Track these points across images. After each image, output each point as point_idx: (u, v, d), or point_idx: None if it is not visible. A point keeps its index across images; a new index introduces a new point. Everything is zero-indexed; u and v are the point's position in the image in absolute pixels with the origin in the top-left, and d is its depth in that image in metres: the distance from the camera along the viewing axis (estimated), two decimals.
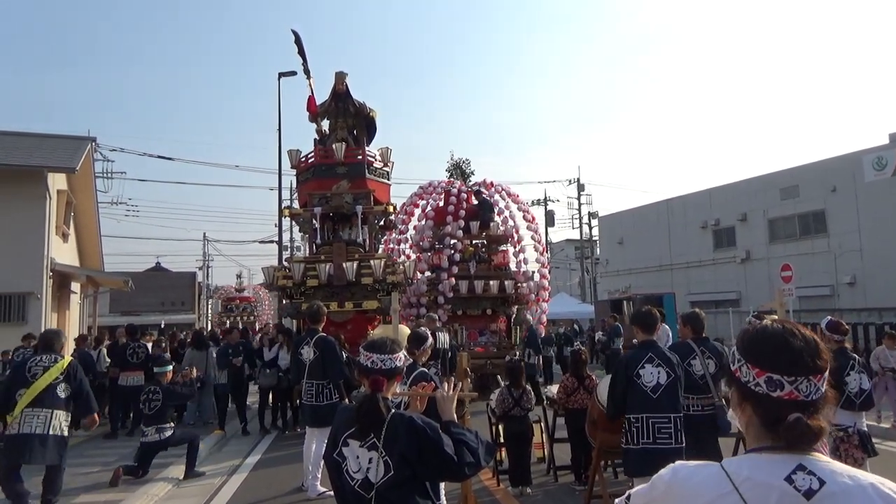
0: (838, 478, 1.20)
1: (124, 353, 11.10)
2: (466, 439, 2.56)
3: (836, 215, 24.33)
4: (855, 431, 4.85)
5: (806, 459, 1.22)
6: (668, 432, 4.28)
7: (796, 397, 1.26)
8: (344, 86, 12.58)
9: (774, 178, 26.95)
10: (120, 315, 38.74)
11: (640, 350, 4.48)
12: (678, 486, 1.29)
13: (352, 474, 2.53)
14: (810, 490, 1.18)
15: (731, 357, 1.38)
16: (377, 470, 2.48)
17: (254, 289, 26.01)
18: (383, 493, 2.46)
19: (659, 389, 4.34)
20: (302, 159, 12.87)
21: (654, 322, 4.52)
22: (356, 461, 2.54)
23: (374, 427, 2.52)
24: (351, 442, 2.57)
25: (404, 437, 2.48)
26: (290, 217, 12.82)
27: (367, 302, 11.41)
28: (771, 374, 1.27)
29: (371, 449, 2.52)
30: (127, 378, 10.92)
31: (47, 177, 13.85)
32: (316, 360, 6.89)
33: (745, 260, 27.87)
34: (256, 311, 25.02)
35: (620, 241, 35.62)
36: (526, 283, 14.77)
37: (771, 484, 1.20)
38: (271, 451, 9.55)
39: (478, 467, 2.62)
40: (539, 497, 6.53)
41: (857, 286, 23.45)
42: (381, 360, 2.71)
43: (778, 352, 1.29)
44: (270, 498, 6.93)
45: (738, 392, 1.35)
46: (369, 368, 2.69)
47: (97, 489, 7.33)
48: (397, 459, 2.46)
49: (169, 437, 7.72)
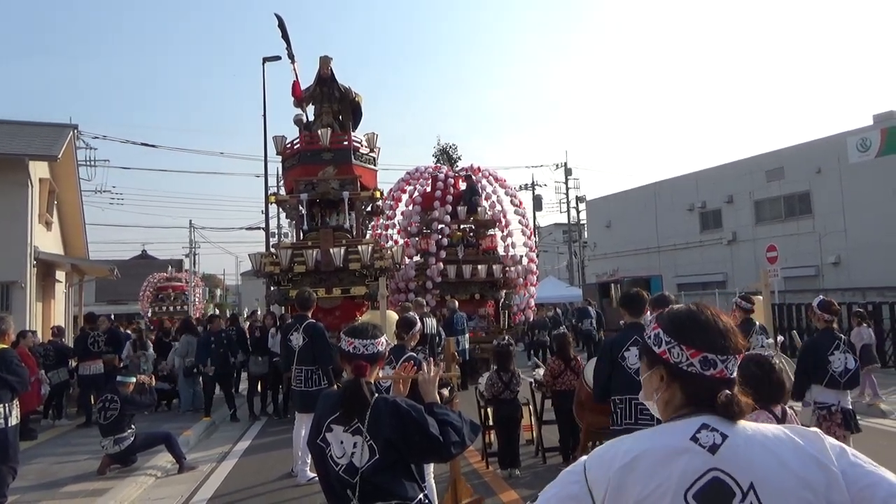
0: (741, 430, 1.25)
1: (85, 342, 10.92)
2: (450, 419, 2.57)
3: (820, 196, 24.51)
4: (838, 409, 4.91)
5: (709, 418, 1.27)
6: (650, 413, 4.27)
7: (725, 375, 1.31)
8: (329, 70, 12.45)
9: (760, 160, 27.09)
10: (106, 304, 38.45)
11: (626, 332, 4.49)
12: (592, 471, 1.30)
13: (336, 459, 2.53)
14: (714, 445, 1.22)
15: (655, 339, 1.39)
16: (362, 454, 2.48)
17: (186, 276, 24.39)
18: (368, 478, 2.46)
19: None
20: (287, 145, 12.75)
21: (640, 304, 4.53)
22: (340, 446, 2.54)
23: (358, 412, 2.52)
24: (335, 427, 2.57)
25: (389, 421, 2.48)
26: (277, 203, 12.73)
27: (355, 288, 11.38)
28: (706, 354, 1.32)
29: (355, 434, 2.52)
30: (88, 367, 10.79)
31: (28, 165, 13.66)
32: (305, 346, 6.88)
33: (731, 242, 28.08)
34: (190, 300, 23.80)
35: (608, 225, 35.73)
36: (514, 268, 14.79)
37: (675, 447, 1.24)
38: (260, 437, 9.55)
39: (463, 446, 2.63)
40: (528, 479, 6.57)
41: (841, 266, 23.69)
42: (364, 346, 2.71)
43: (710, 333, 1.34)
44: (260, 484, 6.94)
45: (666, 372, 1.36)
46: (352, 354, 2.69)
47: (85, 478, 7.30)
48: (382, 443, 2.46)
49: (130, 445, 7.48)
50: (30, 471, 7.44)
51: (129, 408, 7.62)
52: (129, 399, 7.66)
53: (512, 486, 6.31)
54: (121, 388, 7.71)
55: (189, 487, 6.95)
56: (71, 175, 17.35)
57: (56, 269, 16.61)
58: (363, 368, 2.62)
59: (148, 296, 22.70)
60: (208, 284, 59.69)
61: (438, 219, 14.26)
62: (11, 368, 5.72)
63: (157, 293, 22.99)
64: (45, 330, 13.56)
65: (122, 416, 7.52)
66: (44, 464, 7.96)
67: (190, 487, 6.94)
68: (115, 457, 7.53)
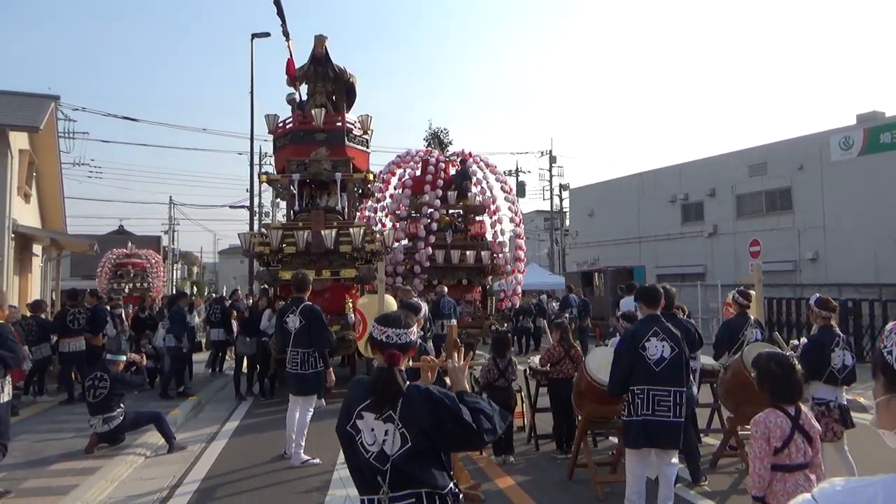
0: None
1: (65, 319, 10.72)
2: (482, 407, 2.57)
3: (801, 193, 24.86)
4: (836, 406, 5.00)
5: None
6: (667, 405, 4.34)
7: None
8: (324, 49, 12.25)
9: (744, 154, 27.37)
10: (82, 279, 37.73)
11: (646, 324, 4.52)
12: None
13: (366, 447, 2.53)
14: None
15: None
16: (393, 442, 2.48)
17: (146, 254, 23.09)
18: (399, 466, 2.46)
19: (662, 363, 4.40)
20: (279, 124, 12.56)
21: (658, 297, 4.57)
22: (371, 434, 2.53)
23: (391, 400, 2.51)
24: (366, 414, 2.56)
25: (422, 409, 2.48)
26: (268, 183, 12.53)
27: (345, 270, 11.29)
28: None
29: (387, 421, 2.51)
30: (69, 344, 10.61)
31: (9, 135, 13.30)
32: (302, 328, 6.81)
33: (711, 234, 28.40)
34: (150, 278, 22.59)
35: (591, 214, 35.94)
36: (502, 254, 14.82)
37: None
38: (248, 418, 9.49)
39: (495, 434, 2.63)
40: (522, 465, 6.62)
41: (818, 262, 24.11)
42: (397, 335, 2.68)
43: None
44: (252, 465, 6.90)
45: None
46: (385, 343, 2.66)
47: (72, 457, 7.19)
48: (415, 431, 2.46)
49: (119, 424, 7.38)
50: (14, 448, 7.26)
51: (119, 386, 7.50)
52: (119, 378, 7.54)
53: (507, 473, 6.35)
54: (111, 367, 7.58)
55: (181, 468, 6.89)
56: (51, 147, 16.94)
57: (34, 242, 16.26)
58: (397, 357, 2.60)
59: (106, 272, 21.51)
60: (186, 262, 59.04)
61: (428, 203, 14.20)
62: (7, 344, 5.60)
63: (116, 270, 21.70)
64: (21, 305, 13.29)
65: (112, 394, 7.40)
66: (27, 441, 7.82)
67: (182, 468, 6.89)
68: (104, 436, 7.42)
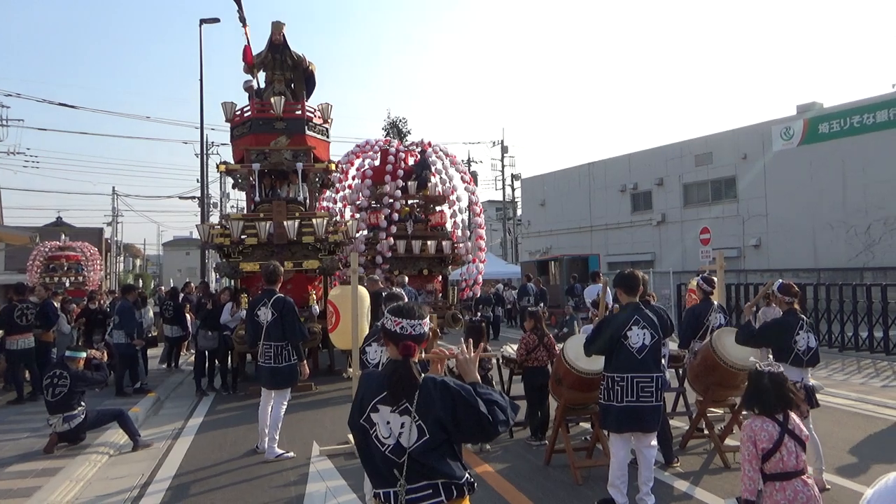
0: None
1: (12, 315, 10.10)
2: (495, 398, 2.59)
3: (745, 181, 25.74)
4: (802, 386, 5.23)
5: None
6: (650, 391, 4.48)
7: None
8: (281, 36, 12.00)
9: (690, 145, 28.15)
10: (16, 273, 36.10)
11: (627, 312, 4.62)
12: None
13: (382, 440, 2.52)
14: None
15: None
16: (410, 435, 2.47)
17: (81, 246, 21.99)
18: (416, 458, 2.46)
19: (644, 350, 4.52)
20: (237, 112, 12.24)
21: (637, 285, 4.67)
22: (387, 427, 2.52)
23: (408, 392, 2.50)
24: (381, 407, 2.54)
25: (439, 401, 2.48)
26: (227, 173, 12.21)
27: (308, 261, 11.14)
28: None
29: (403, 414, 2.50)
30: (16, 341, 10.06)
31: None
32: (274, 321, 6.70)
33: (660, 223, 29.15)
34: (85, 271, 21.58)
35: (542, 203, 36.37)
36: (463, 244, 14.88)
37: None
38: (212, 414, 9.30)
39: (507, 425, 2.65)
40: (499, 453, 6.70)
41: (761, 249, 25.07)
42: (411, 326, 2.65)
43: None
44: (224, 461, 6.78)
45: None
46: (399, 334, 2.63)
47: (31, 457, 6.92)
48: (432, 423, 2.46)
49: (80, 423, 7.17)
50: None
51: (79, 384, 7.25)
52: (79, 375, 7.28)
53: (484, 461, 6.42)
54: (70, 364, 7.32)
55: (148, 465, 6.71)
56: None
57: None
58: (412, 349, 2.59)
59: (38, 265, 20.40)
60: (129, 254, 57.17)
61: (389, 193, 14.12)
62: None
63: (48, 263, 20.57)
64: None
65: (72, 392, 7.15)
66: None
67: (149, 465, 6.71)
68: (64, 435, 7.18)
